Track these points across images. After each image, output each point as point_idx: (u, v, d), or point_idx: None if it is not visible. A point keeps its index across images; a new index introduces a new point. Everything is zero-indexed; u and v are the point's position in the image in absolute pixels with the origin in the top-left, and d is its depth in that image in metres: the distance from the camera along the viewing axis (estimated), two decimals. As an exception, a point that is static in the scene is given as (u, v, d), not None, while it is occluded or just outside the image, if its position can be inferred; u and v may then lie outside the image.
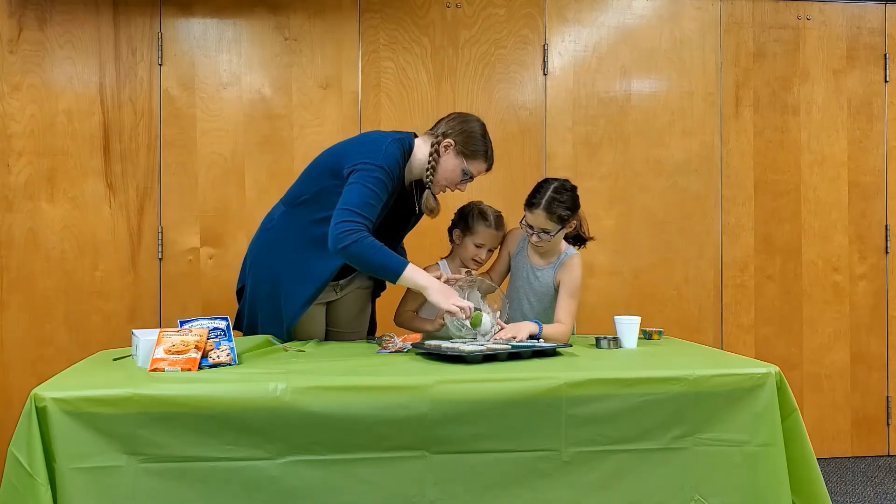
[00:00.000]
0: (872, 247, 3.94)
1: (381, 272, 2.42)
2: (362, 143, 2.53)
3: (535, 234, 2.62)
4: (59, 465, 1.72)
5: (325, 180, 2.50)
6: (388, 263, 2.38)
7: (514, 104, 3.71)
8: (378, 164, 2.41)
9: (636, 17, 3.80)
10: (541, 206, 2.56)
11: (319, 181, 2.52)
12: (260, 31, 3.56)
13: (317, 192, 2.51)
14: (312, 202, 2.52)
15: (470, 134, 2.53)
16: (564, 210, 2.56)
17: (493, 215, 2.79)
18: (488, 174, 3.63)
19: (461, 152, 2.53)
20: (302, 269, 2.52)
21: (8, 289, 3.42)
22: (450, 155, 2.53)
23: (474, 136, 2.53)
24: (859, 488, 3.49)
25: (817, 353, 3.91)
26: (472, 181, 2.63)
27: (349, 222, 2.33)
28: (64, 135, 3.45)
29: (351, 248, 2.33)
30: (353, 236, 2.32)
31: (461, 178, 2.56)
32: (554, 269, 2.71)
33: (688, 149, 3.82)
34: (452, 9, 3.66)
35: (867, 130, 3.93)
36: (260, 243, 2.66)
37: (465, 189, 2.62)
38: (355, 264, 2.41)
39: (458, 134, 2.53)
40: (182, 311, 3.43)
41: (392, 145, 2.47)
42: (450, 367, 2.06)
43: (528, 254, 2.77)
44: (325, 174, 2.51)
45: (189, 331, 2.10)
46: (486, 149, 2.56)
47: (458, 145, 2.52)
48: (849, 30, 3.92)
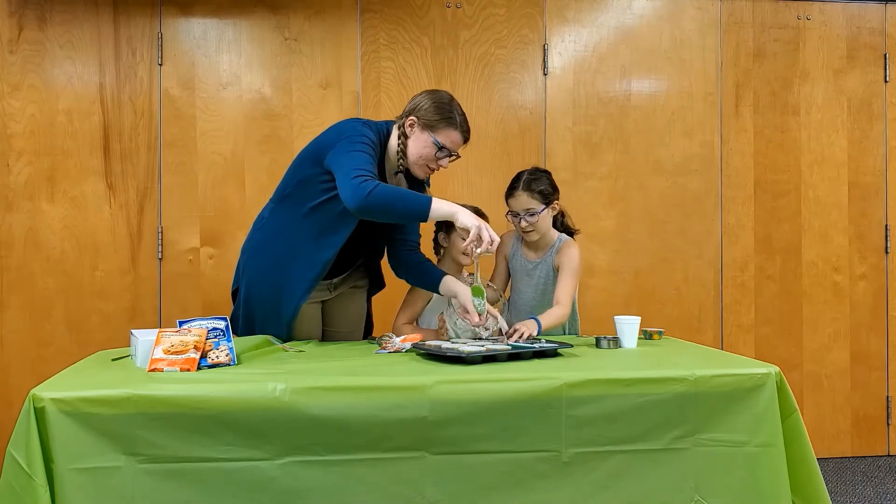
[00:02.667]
0: (872, 247, 3.94)
1: (409, 210, 2.31)
2: (337, 129, 2.51)
3: (522, 219, 2.67)
4: (57, 466, 1.72)
5: (306, 169, 2.49)
6: (414, 200, 2.29)
7: (514, 104, 3.71)
8: (358, 134, 2.40)
9: (636, 17, 3.80)
10: (520, 188, 2.69)
11: (300, 172, 2.52)
12: (260, 31, 3.56)
13: (299, 183, 2.51)
14: (297, 193, 2.51)
15: (430, 106, 2.47)
16: (543, 186, 2.69)
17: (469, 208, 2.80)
18: (488, 175, 3.63)
19: (425, 126, 2.46)
20: (297, 263, 2.51)
21: (8, 289, 3.42)
22: (416, 132, 2.48)
23: (434, 106, 2.47)
24: (859, 488, 3.49)
25: (817, 353, 3.90)
26: (456, 158, 2.55)
27: (362, 176, 2.28)
28: (64, 135, 3.45)
29: (374, 193, 2.24)
30: (370, 184, 2.26)
31: (435, 151, 2.48)
32: (551, 258, 2.75)
33: (688, 149, 3.82)
34: (452, 9, 3.66)
35: (867, 130, 3.93)
36: (252, 244, 2.66)
37: (447, 165, 2.54)
38: (381, 211, 2.28)
39: (418, 109, 2.48)
40: (182, 312, 3.43)
41: (364, 127, 2.46)
42: (449, 367, 2.06)
43: (522, 253, 2.80)
44: (305, 164, 2.51)
45: (188, 331, 2.10)
46: (451, 114, 2.47)
47: (420, 120, 2.47)
48: (849, 30, 3.91)
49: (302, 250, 2.50)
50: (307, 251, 2.50)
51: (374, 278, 2.86)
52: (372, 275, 2.85)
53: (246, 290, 2.63)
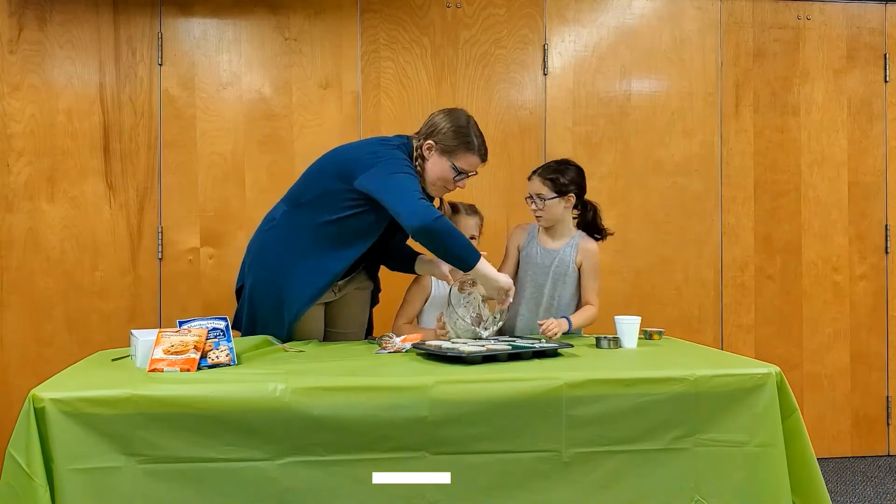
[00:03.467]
0: (872, 247, 3.94)
1: (462, 253, 2.36)
2: (371, 147, 2.51)
3: (533, 202, 2.77)
4: (57, 466, 1.72)
5: (331, 183, 2.48)
6: (468, 248, 2.36)
7: (514, 104, 3.71)
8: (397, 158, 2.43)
9: (636, 17, 3.80)
10: (537, 172, 2.79)
11: (324, 183, 2.50)
12: (260, 31, 3.56)
13: (321, 194, 2.49)
14: (316, 204, 2.50)
15: (446, 130, 2.49)
16: (557, 176, 2.74)
17: (464, 206, 2.85)
18: (488, 174, 3.62)
19: (443, 151, 2.49)
20: (304, 268, 2.51)
21: (8, 289, 3.42)
22: (434, 156, 2.51)
23: (451, 132, 2.49)
24: (859, 488, 3.49)
25: (817, 353, 3.90)
26: (475, 175, 2.59)
27: (424, 201, 2.31)
28: (64, 135, 3.45)
29: (442, 221, 2.29)
30: (436, 212, 2.29)
31: (453, 175, 2.51)
32: (572, 250, 2.81)
33: (688, 149, 3.82)
34: (452, 9, 3.66)
35: (867, 130, 3.93)
36: (260, 242, 2.65)
37: (464, 185, 2.59)
38: (440, 240, 2.32)
39: (435, 133, 2.50)
40: (182, 312, 3.43)
41: (397, 149, 2.48)
42: (449, 367, 2.06)
43: (539, 241, 2.85)
44: (330, 177, 2.49)
45: (188, 331, 2.10)
46: (468, 140, 2.50)
47: (437, 144, 2.49)
48: (849, 30, 3.91)
49: (312, 258, 2.50)
50: (318, 260, 2.50)
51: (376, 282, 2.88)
52: (376, 279, 2.87)
53: (250, 289, 2.63)
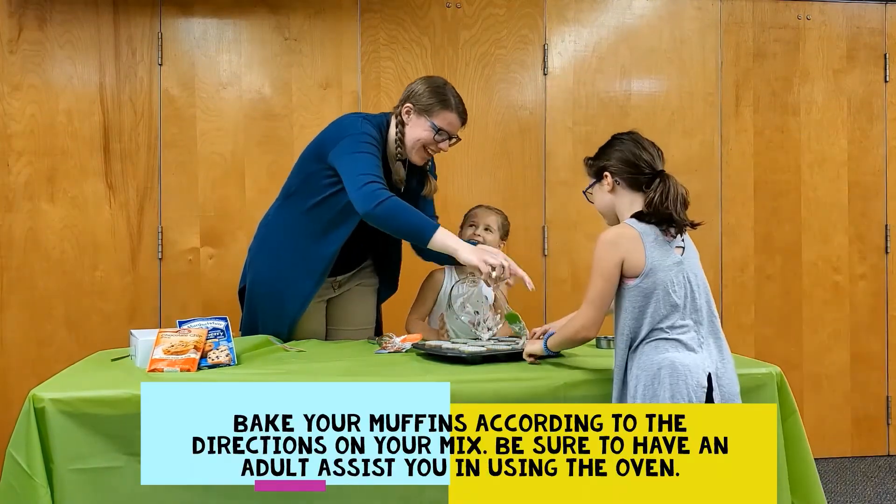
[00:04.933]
0: (872, 247, 3.94)
1: (413, 232, 2.33)
2: (338, 125, 2.53)
3: None
4: (57, 466, 1.72)
5: (309, 166, 2.51)
6: (420, 223, 2.30)
7: (514, 104, 3.71)
8: (360, 131, 2.42)
9: (636, 17, 3.80)
10: None
11: (304, 169, 2.54)
12: (260, 31, 3.56)
13: (304, 179, 2.53)
14: (301, 190, 2.53)
15: (422, 91, 2.47)
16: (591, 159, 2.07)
17: None
18: (488, 174, 3.62)
19: (421, 111, 2.46)
20: (302, 259, 2.53)
21: (8, 289, 3.42)
22: (413, 118, 2.48)
23: (427, 91, 2.47)
24: (859, 488, 3.49)
25: (817, 353, 3.90)
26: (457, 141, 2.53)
27: (373, 183, 2.29)
28: (64, 135, 3.45)
29: (386, 204, 2.26)
30: (382, 194, 2.27)
31: (433, 135, 2.47)
32: None
33: (688, 149, 3.82)
34: (452, 9, 3.66)
35: (867, 130, 3.93)
36: (257, 242, 2.69)
37: (447, 148, 2.53)
38: (388, 223, 2.31)
39: (412, 96, 2.49)
40: (182, 311, 3.43)
41: (364, 123, 2.47)
42: (449, 367, 2.06)
43: None
44: (307, 161, 2.53)
45: (188, 331, 2.10)
46: (445, 98, 2.47)
47: (415, 106, 2.47)
48: (849, 30, 3.91)
49: (306, 246, 2.52)
50: (312, 247, 2.51)
51: (386, 280, 2.84)
52: (383, 276, 2.83)
53: (251, 288, 2.64)
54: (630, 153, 2.00)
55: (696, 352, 1.86)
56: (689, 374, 1.81)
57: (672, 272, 1.88)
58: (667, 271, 1.87)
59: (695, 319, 1.89)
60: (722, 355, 1.91)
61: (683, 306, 1.87)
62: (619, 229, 1.93)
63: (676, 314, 1.86)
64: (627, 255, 1.87)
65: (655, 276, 1.86)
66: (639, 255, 1.87)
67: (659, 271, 1.87)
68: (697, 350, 1.87)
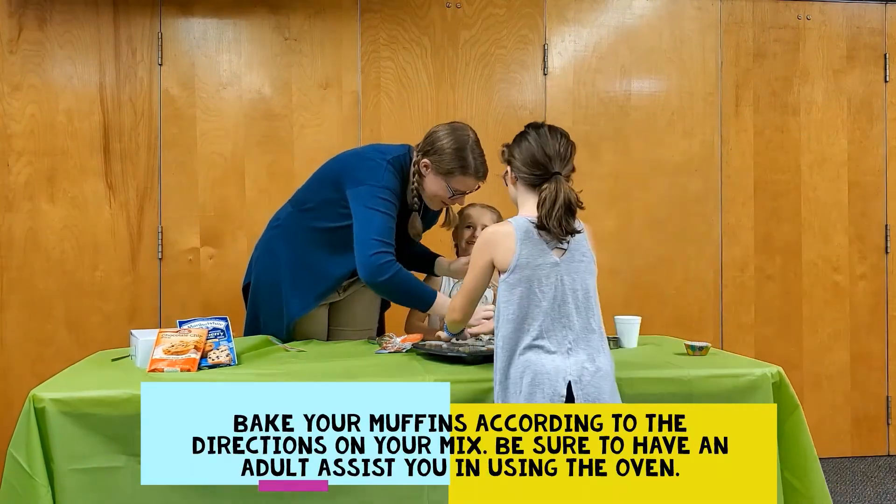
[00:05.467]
0: (872, 247, 3.94)
1: (415, 302, 2.47)
2: (361, 162, 2.49)
3: None
4: (57, 466, 1.72)
5: (328, 192, 2.51)
6: (420, 295, 2.40)
7: (514, 104, 3.71)
8: (382, 184, 2.40)
9: (636, 17, 3.80)
10: None
11: (323, 192, 2.54)
12: (260, 31, 3.56)
13: (321, 202, 2.54)
14: (317, 210, 2.55)
15: (441, 152, 2.42)
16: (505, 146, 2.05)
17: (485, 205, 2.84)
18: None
19: (440, 172, 2.44)
20: (306, 270, 2.54)
21: (8, 289, 3.42)
22: (430, 174, 2.46)
23: (449, 153, 2.42)
24: (859, 488, 3.49)
25: (817, 353, 3.90)
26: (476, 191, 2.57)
27: (381, 254, 2.33)
28: (64, 135, 3.45)
29: (388, 282, 2.34)
30: (389, 269, 2.33)
31: (449, 195, 2.48)
32: None
33: (688, 149, 3.82)
34: (452, 9, 3.66)
35: (867, 130, 3.93)
36: (265, 241, 2.70)
37: (464, 202, 2.59)
38: (390, 296, 2.48)
39: (432, 153, 2.44)
40: (182, 312, 3.43)
41: (388, 171, 2.44)
42: (449, 367, 2.06)
43: None
44: (327, 185, 2.53)
45: (188, 331, 2.10)
46: (465, 164, 2.42)
47: (433, 164, 2.44)
48: (849, 30, 3.91)
49: (316, 261, 2.53)
50: (321, 263, 2.53)
51: None
52: None
53: (254, 287, 2.67)
54: (529, 153, 1.95)
55: (557, 357, 1.82)
56: (546, 382, 1.80)
57: (542, 271, 1.84)
58: (535, 269, 1.84)
59: (563, 324, 1.84)
60: (594, 362, 1.84)
61: (551, 308, 1.84)
62: (496, 226, 1.94)
63: (541, 315, 1.84)
64: (496, 254, 1.88)
65: (522, 273, 1.84)
66: (508, 251, 1.85)
67: (527, 269, 1.84)
68: (559, 355, 1.82)
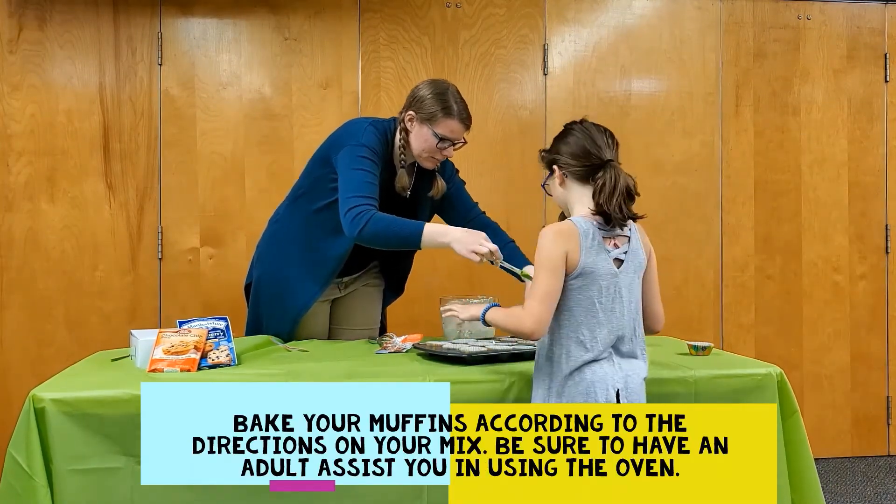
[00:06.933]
0: (872, 247, 3.94)
1: (403, 242, 2.35)
2: (344, 130, 2.56)
3: None
4: (57, 467, 1.72)
5: (317, 169, 2.55)
6: (406, 231, 2.31)
7: (514, 104, 3.71)
8: (361, 143, 2.43)
9: (636, 17, 3.80)
10: None
11: (314, 171, 2.58)
12: (260, 31, 3.56)
13: (312, 182, 2.57)
14: (309, 192, 2.57)
15: (423, 98, 2.45)
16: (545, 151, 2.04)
17: None
18: (488, 175, 3.60)
19: (423, 119, 2.45)
20: (310, 258, 2.55)
21: (8, 289, 3.42)
22: (415, 126, 2.48)
23: (430, 98, 2.45)
24: (859, 488, 3.49)
25: (817, 353, 3.90)
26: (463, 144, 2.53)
27: (357, 207, 2.32)
28: (64, 135, 3.45)
29: (367, 228, 2.29)
30: (364, 216, 2.29)
31: (436, 143, 2.46)
32: None
33: (688, 149, 3.82)
34: (452, 9, 3.66)
35: (867, 130, 3.93)
36: (265, 239, 2.72)
37: (452, 154, 2.53)
38: (375, 243, 2.36)
39: (414, 103, 2.48)
40: (182, 312, 3.42)
41: (368, 130, 2.47)
42: (449, 367, 2.06)
43: None
44: (317, 163, 2.57)
45: (188, 331, 2.10)
46: (447, 105, 2.45)
47: (418, 114, 2.46)
48: (849, 30, 3.91)
49: (314, 246, 2.54)
50: (319, 247, 2.53)
51: (392, 284, 2.84)
52: (389, 279, 2.83)
53: (256, 284, 2.67)
54: (578, 145, 1.93)
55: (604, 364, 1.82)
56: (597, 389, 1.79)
57: (604, 281, 1.83)
58: (596, 279, 1.82)
59: (619, 335, 1.84)
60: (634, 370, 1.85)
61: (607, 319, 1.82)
62: (561, 224, 1.87)
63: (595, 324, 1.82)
64: (569, 248, 1.81)
65: (585, 279, 1.81)
66: (575, 252, 1.81)
67: (588, 275, 1.82)
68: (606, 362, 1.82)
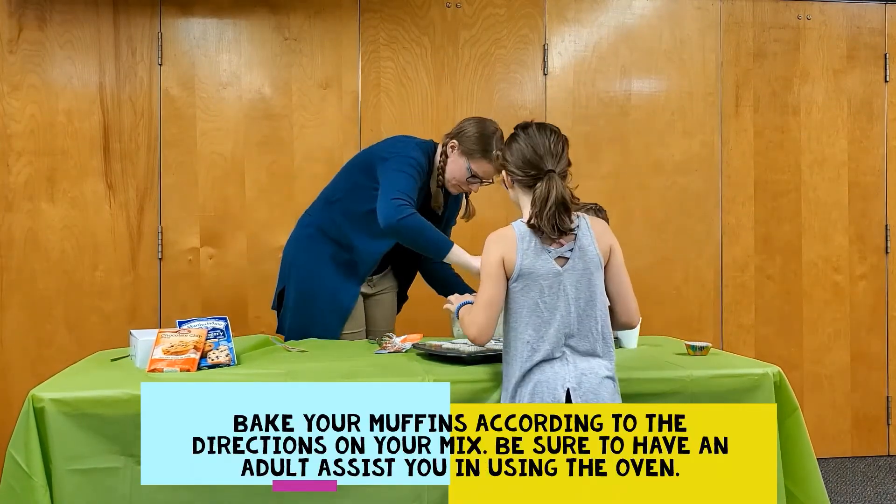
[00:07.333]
0: (872, 247, 3.94)
1: (431, 247, 2.49)
2: (391, 144, 2.71)
3: None
4: (56, 467, 1.72)
5: (358, 177, 2.66)
6: (438, 239, 2.48)
7: (514, 104, 3.71)
8: (410, 156, 2.58)
9: (636, 17, 3.80)
10: None
11: (352, 178, 2.69)
12: (260, 31, 3.56)
13: (350, 188, 2.68)
14: (347, 198, 2.68)
15: (470, 134, 2.61)
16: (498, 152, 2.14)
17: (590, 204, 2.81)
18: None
19: (463, 152, 2.60)
20: (345, 258, 2.66)
21: (8, 289, 3.42)
22: (455, 155, 2.62)
23: (474, 136, 2.60)
24: (859, 488, 3.49)
25: (817, 353, 3.90)
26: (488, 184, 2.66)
27: (400, 199, 2.45)
28: (64, 135, 3.45)
29: (408, 220, 2.42)
30: (407, 209, 2.43)
31: (467, 176, 2.61)
32: None
33: (688, 149, 3.81)
34: (452, 9, 3.66)
35: (867, 130, 3.93)
36: (302, 239, 2.77)
37: (476, 189, 2.67)
38: (408, 237, 2.48)
39: (460, 134, 2.62)
40: (182, 312, 3.42)
41: (416, 148, 2.63)
42: (449, 367, 2.06)
43: None
44: (356, 171, 2.69)
45: (188, 331, 2.10)
46: (486, 148, 2.58)
47: (460, 145, 2.61)
48: (849, 30, 3.91)
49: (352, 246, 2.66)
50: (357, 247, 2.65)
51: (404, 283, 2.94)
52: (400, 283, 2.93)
53: (298, 285, 2.72)
54: (520, 153, 1.91)
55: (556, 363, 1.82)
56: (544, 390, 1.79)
57: (545, 281, 1.83)
58: (537, 279, 1.83)
59: (567, 332, 1.84)
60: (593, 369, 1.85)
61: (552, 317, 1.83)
62: (501, 230, 1.90)
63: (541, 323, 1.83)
64: (505, 253, 1.84)
65: (526, 281, 1.83)
66: (511, 256, 1.84)
67: (528, 277, 1.83)
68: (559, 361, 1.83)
